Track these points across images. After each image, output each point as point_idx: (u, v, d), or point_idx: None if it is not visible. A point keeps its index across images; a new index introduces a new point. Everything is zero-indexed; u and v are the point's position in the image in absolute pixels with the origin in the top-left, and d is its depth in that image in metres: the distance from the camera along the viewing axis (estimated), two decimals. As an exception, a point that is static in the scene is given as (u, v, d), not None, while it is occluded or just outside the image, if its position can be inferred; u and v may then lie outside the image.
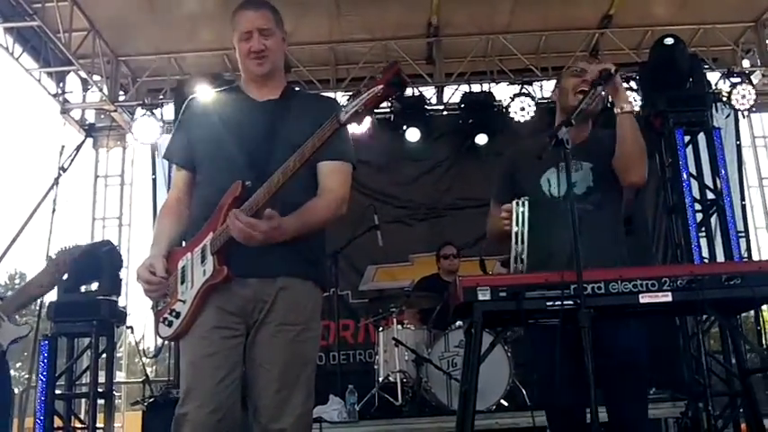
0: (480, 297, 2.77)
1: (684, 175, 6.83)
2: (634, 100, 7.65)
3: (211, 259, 2.56)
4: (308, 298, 2.69)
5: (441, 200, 8.72)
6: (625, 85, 7.56)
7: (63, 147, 8.66)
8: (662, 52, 7.09)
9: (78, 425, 6.55)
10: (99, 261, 6.18)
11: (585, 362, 2.51)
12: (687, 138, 7.10)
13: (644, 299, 2.70)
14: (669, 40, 6.94)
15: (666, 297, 2.69)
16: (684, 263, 6.58)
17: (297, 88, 3.03)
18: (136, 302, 8.12)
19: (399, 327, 6.36)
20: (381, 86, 2.24)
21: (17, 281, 33.99)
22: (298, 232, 2.55)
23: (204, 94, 3.02)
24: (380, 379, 6.35)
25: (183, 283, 2.66)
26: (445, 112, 9.17)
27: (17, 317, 4.03)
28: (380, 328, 6.64)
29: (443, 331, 6.16)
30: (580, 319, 2.58)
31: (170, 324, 2.67)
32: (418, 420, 5.86)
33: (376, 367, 6.55)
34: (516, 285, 2.78)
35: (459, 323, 6.08)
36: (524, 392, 6.05)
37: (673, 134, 6.96)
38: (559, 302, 2.70)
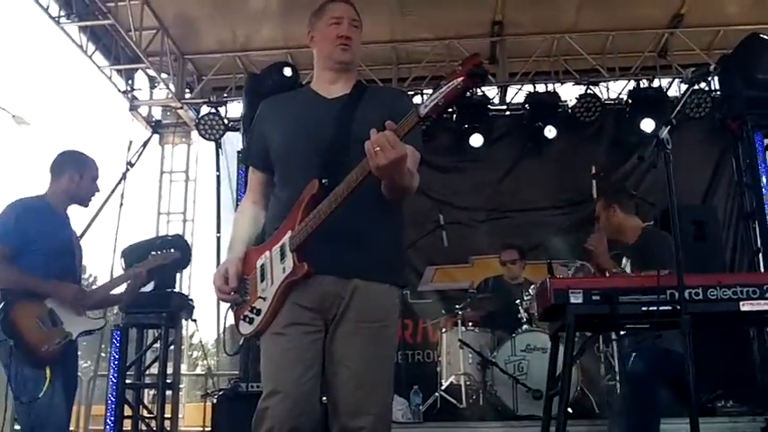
0: (572, 300, 2.74)
1: (764, 180, 6.64)
2: (705, 102, 7.50)
3: (291, 256, 2.56)
4: (385, 296, 2.66)
5: (502, 201, 8.60)
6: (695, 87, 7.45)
7: (131, 143, 8.91)
8: (755, 45, 6.88)
9: (146, 414, 6.64)
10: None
11: (686, 368, 2.44)
12: (767, 141, 6.92)
13: (744, 306, 2.62)
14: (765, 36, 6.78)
15: (769, 305, 2.60)
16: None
17: (365, 83, 3.01)
18: (197, 296, 8.23)
19: (463, 328, 6.30)
20: (462, 78, 2.20)
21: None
22: (402, 178, 2.46)
23: (276, 95, 3.02)
24: (444, 381, 6.30)
25: (262, 280, 2.66)
26: (508, 113, 9.07)
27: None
28: (443, 330, 6.59)
29: (510, 334, 6.09)
30: (681, 324, 2.51)
31: (251, 321, 2.68)
32: (484, 424, 5.78)
33: (438, 369, 6.51)
34: (610, 289, 2.73)
35: (525, 326, 6.01)
36: (593, 400, 5.92)
37: (751, 138, 6.77)
38: (655, 307, 2.64)
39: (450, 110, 8.63)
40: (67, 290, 3.80)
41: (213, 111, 8.72)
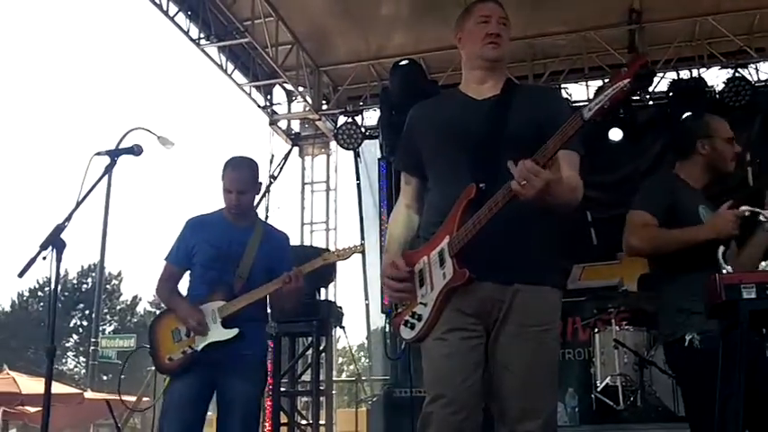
0: (745, 295, 2.56)
1: None
2: None
3: (450, 262, 2.54)
4: (547, 298, 2.62)
5: (649, 195, 8.28)
6: None
7: (272, 156, 9.27)
8: None
9: (302, 421, 6.80)
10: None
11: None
12: None
13: None
14: None
15: None
16: None
17: (517, 81, 2.95)
18: (342, 303, 8.37)
19: (617, 328, 6.11)
20: (628, 80, 2.12)
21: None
22: (557, 197, 2.39)
23: (425, 101, 3.00)
24: (599, 382, 6.12)
25: (422, 286, 2.65)
26: (651, 102, 8.74)
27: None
28: (596, 330, 6.40)
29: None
30: None
31: (412, 327, 2.68)
32: (644, 426, 5.60)
33: (592, 370, 6.34)
34: (787, 282, 2.53)
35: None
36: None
37: None
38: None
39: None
40: (181, 311, 3.79)
41: (350, 120, 8.92)
